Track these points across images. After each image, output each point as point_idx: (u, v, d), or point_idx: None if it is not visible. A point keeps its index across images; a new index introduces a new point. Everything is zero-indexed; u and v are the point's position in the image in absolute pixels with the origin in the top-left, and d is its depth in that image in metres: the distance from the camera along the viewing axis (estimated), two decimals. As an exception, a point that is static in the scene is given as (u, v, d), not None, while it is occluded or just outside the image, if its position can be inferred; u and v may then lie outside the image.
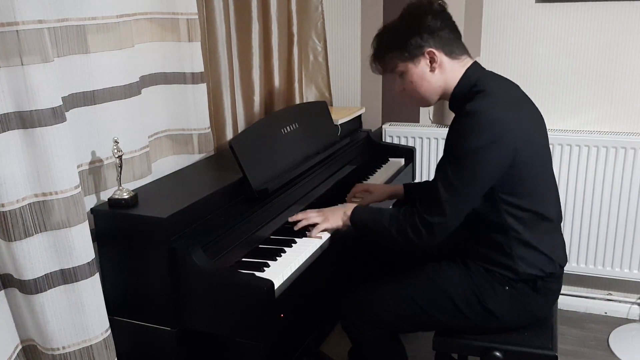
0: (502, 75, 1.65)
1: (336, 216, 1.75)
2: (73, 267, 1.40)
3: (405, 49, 1.59)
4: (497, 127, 1.46)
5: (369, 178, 2.29)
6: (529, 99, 1.64)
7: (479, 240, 1.63)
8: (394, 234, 1.60)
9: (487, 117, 1.47)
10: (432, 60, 1.58)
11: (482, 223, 1.58)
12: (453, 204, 1.52)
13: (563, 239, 1.70)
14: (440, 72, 1.60)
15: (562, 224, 1.73)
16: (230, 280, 1.43)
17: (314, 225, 1.75)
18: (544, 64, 2.48)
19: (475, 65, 1.62)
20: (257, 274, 1.49)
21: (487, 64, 1.80)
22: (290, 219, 1.79)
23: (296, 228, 1.75)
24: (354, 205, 1.76)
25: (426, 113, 2.70)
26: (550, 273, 1.61)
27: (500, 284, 1.60)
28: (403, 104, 1.77)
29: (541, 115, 1.65)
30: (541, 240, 1.59)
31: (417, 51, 1.58)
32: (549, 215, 1.60)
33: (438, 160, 1.61)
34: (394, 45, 1.61)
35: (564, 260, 1.67)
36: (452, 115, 1.63)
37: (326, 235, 1.74)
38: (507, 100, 1.55)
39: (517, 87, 1.64)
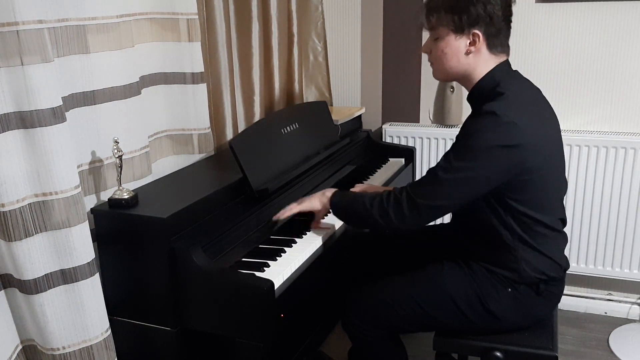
0: (524, 76, 1.62)
1: (313, 198, 1.76)
2: (73, 267, 1.40)
3: (459, 17, 1.51)
4: (512, 131, 1.44)
5: (369, 178, 2.29)
6: (548, 103, 1.62)
7: (483, 242, 1.62)
8: (375, 213, 1.58)
9: (504, 119, 1.44)
10: (473, 43, 1.53)
11: (488, 226, 1.58)
12: (447, 192, 1.50)
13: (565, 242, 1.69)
14: (473, 58, 1.55)
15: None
16: (230, 280, 1.43)
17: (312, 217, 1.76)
18: (544, 63, 2.48)
19: (504, 65, 1.58)
20: (257, 274, 1.49)
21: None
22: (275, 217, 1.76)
23: (274, 218, 1.74)
24: (335, 189, 1.76)
25: (426, 113, 2.70)
26: (554, 277, 1.61)
27: (503, 285, 1.60)
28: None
29: (557, 120, 1.63)
30: (546, 244, 1.59)
31: (467, 27, 1.51)
32: (553, 224, 1.60)
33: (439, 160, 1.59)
34: (449, 8, 1.53)
35: (567, 264, 1.67)
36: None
37: (325, 234, 1.74)
38: (526, 105, 1.52)
39: (538, 90, 1.62)
